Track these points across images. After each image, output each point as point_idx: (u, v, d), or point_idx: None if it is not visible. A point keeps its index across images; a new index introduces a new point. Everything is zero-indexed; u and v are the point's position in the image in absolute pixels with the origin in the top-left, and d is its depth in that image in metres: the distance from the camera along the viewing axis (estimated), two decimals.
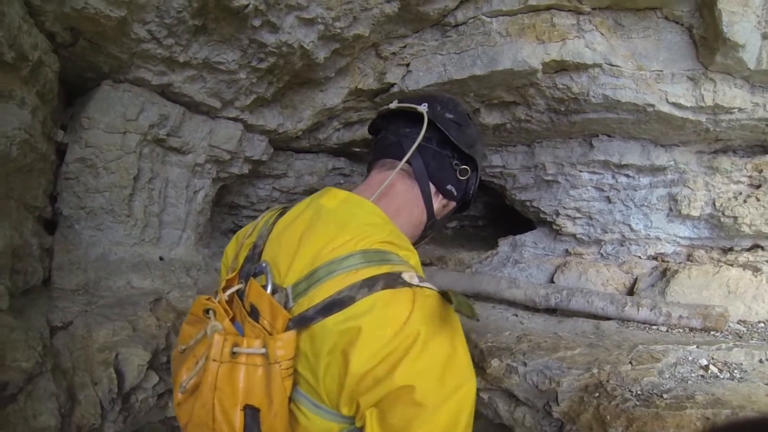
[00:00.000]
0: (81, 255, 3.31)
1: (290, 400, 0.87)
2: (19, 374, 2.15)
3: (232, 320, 0.95)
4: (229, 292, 0.98)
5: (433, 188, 1.10)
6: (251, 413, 0.85)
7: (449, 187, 1.12)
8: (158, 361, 3.02)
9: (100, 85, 3.32)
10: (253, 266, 0.99)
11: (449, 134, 1.08)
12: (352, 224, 0.93)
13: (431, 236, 1.23)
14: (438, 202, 1.13)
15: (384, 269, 0.85)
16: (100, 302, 3.10)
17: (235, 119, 4.23)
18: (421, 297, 0.83)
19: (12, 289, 2.45)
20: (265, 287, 0.92)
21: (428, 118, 1.06)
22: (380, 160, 1.12)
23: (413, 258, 0.95)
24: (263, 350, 0.86)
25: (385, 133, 1.14)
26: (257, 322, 0.90)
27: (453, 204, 1.17)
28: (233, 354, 0.87)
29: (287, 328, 0.86)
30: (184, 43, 3.19)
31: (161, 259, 3.78)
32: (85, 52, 3.01)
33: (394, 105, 1.11)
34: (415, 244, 1.09)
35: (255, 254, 1.02)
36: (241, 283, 0.99)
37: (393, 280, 0.84)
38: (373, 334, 0.79)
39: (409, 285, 0.84)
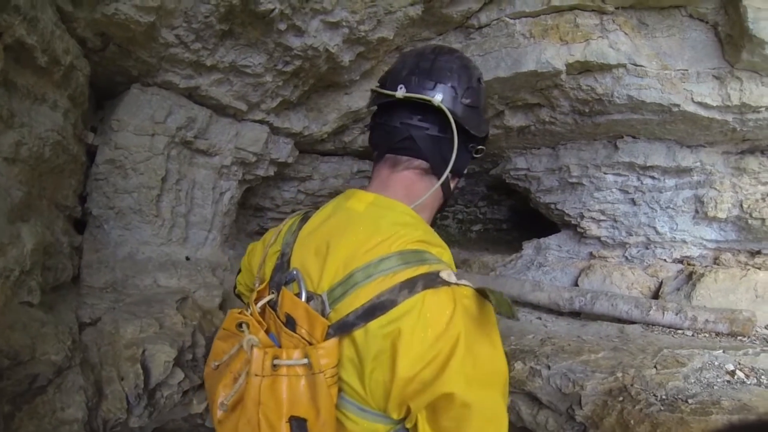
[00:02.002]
0: (109, 254, 3.38)
1: (335, 407, 0.86)
2: (48, 367, 2.21)
3: (267, 332, 0.94)
4: (261, 303, 0.96)
5: (450, 174, 1.03)
6: (297, 424, 0.84)
7: (465, 170, 1.11)
8: (184, 358, 3.06)
9: (129, 89, 3.40)
10: (283, 275, 0.97)
11: (468, 128, 0.99)
12: (384, 225, 0.91)
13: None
14: (453, 183, 1.09)
15: (422, 269, 0.84)
16: (127, 300, 3.16)
17: (261, 122, 4.29)
18: (460, 296, 0.82)
19: (43, 285, 2.50)
20: (298, 295, 0.90)
21: (447, 112, 0.95)
22: (390, 155, 1.03)
23: (446, 254, 0.94)
24: (305, 360, 0.84)
25: (386, 120, 1.02)
26: (294, 331, 0.88)
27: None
28: (274, 367, 0.85)
29: (327, 335, 0.84)
30: (211, 47, 3.25)
31: (187, 259, 3.84)
32: (114, 57, 3.09)
33: (400, 94, 0.97)
34: (432, 225, 1.07)
35: (283, 263, 0.99)
36: (272, 293, 0.97)
37: (432, 280, 0.82)
38: (415, 336, 0.79)
39: (448, 284, 0.83)
